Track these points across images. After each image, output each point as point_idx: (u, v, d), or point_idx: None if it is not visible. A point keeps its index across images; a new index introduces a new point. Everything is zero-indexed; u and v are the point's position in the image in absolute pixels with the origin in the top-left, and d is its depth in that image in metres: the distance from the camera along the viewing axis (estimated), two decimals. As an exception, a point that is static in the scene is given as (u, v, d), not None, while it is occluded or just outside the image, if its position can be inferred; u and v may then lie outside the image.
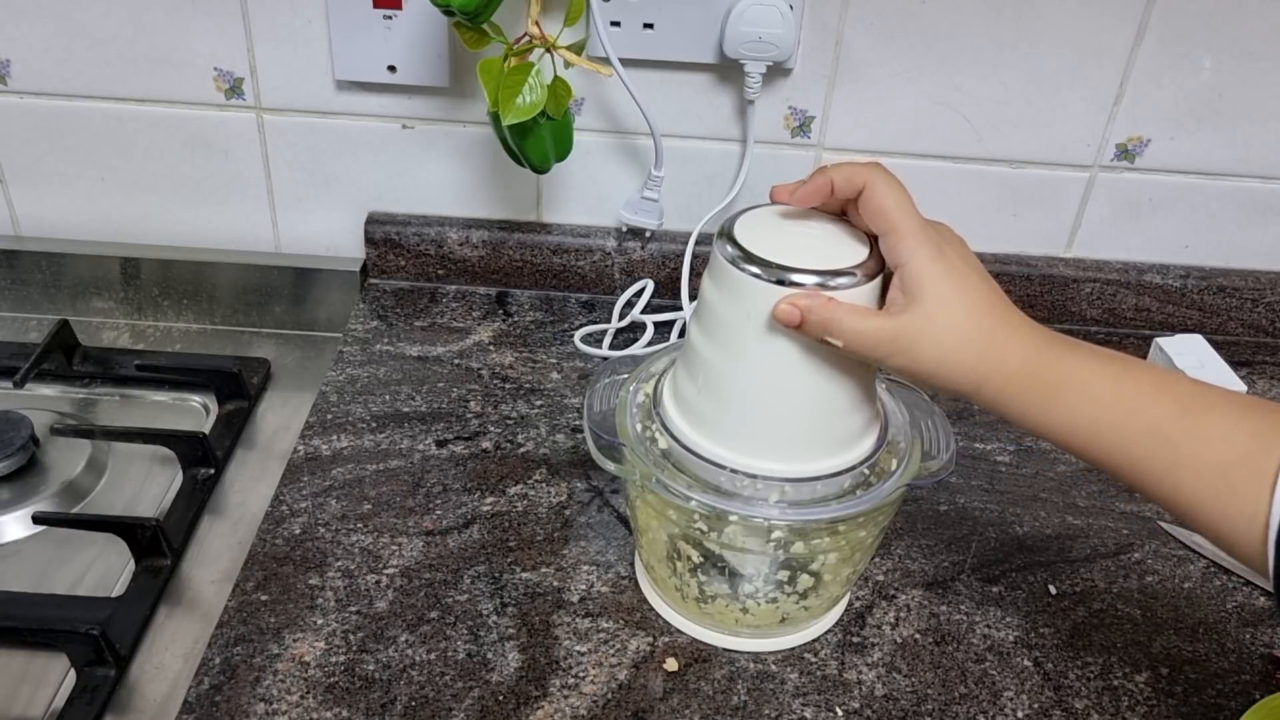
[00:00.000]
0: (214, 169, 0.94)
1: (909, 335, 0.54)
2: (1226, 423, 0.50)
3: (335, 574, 0.69)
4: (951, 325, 0.54)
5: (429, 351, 0.90)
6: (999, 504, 0.78)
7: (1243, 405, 0.51)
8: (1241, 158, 0.90)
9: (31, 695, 0.65)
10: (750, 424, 0.59)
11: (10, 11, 0.87)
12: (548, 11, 0.79)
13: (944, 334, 0.54)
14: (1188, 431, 0.50)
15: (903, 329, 0.54)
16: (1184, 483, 0.49)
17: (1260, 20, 0.83)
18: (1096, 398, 0.52)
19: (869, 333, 0.54)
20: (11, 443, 0.79)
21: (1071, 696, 0.65)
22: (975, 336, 0.54)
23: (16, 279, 0.96)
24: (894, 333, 0.54)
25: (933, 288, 0.54)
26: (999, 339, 0.54)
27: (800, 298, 0.54)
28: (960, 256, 0.55)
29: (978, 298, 0.55)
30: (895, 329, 0.54)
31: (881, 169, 0.56)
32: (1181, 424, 0.50)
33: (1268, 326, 0.97)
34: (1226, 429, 0.50)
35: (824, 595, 0.65)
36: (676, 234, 0.94)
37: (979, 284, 0.55)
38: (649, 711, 0.62)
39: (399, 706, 0.62)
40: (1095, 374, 0.53)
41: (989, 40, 0.85)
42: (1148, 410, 0.51)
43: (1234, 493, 0.48)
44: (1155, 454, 0.50)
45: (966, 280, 0.55)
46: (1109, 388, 0.52)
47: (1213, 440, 0.49)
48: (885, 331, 0.54)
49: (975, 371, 0.54)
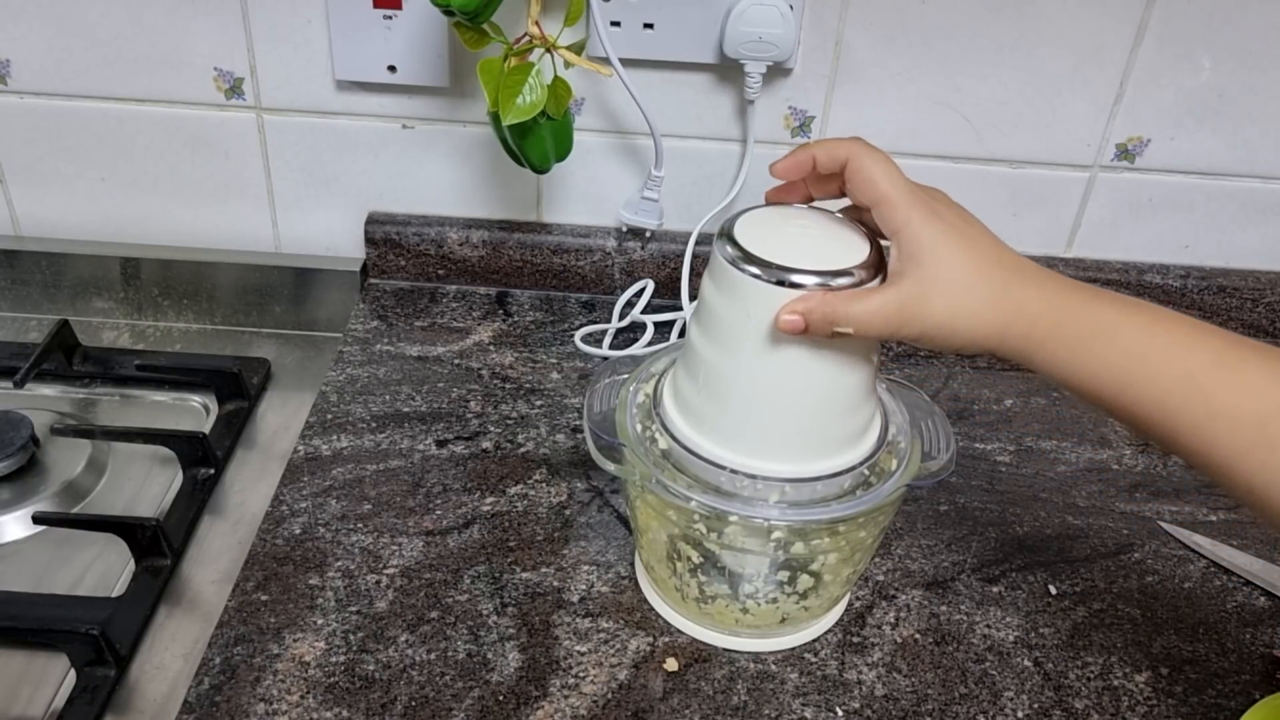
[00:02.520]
0: (214, 169, 0.94)
1: (915, 300, 0.52)
2: (1263, 374, 0.48)
3: (335, 574, 0.69)
4: (957, 280, 0.52)
5: (429, 351, 0.90)
6: (999, 504, 0.78)
7: (1277, 356, 0.49)
8: (1241, 158, 0.90)
9: (31, 695, 0.65)
10: (750, 424, 0.59)
11: (10, 11, 0.87)
12: (548, 11, 0.79)
13: (951, 290, 0.52)
14: (1224, 382, 0.49)
15: (908, 296, 0.53)
16: (1219, 434, 0.48)
17: (1260, 20, 0.83)
18: (1127, 347, 0.51)
19: (874, 310, 0.53)
20: (11, 443, 0.79)
21: (1071, 696, 0.65)
22: (985, 289, 0.52)
23: (16, 279, 0.96)
24: (899, 302, 0.53)
25: (931, 248, 0.52)
26: (1013, 289, 0.53)
27: (797, 303, 0.54)
28: (957, 215, 0.54)
29: (981, 252, 0.53)
30: (900, 298, 0.53)
31: (863, 142, 0.55)
32: (1216, 375, 0.49)
33: (1268, 326, 0.97)
34: (1263, 380, 0.48)
35: (824, 595, 0.65)
36: (676, 234, 0.94)
37: (981, 239, 0.54)
38: (649, 711, 0.62)
39: (399, 706, 0.62)
40: (1123, 321, 0.51)
41: (989, 40, 0.85)
42: (1182, 360, 0.50)
43: (1271, 445, 0.47)
44: (1189, 405, 0.49)
45: (966, 236, 0.53)
46: (1140, 336, 0.51)
47: (1249, 391, 0.48)
48: (890, 304, 0.53)
49: (992, 324, 0.52)
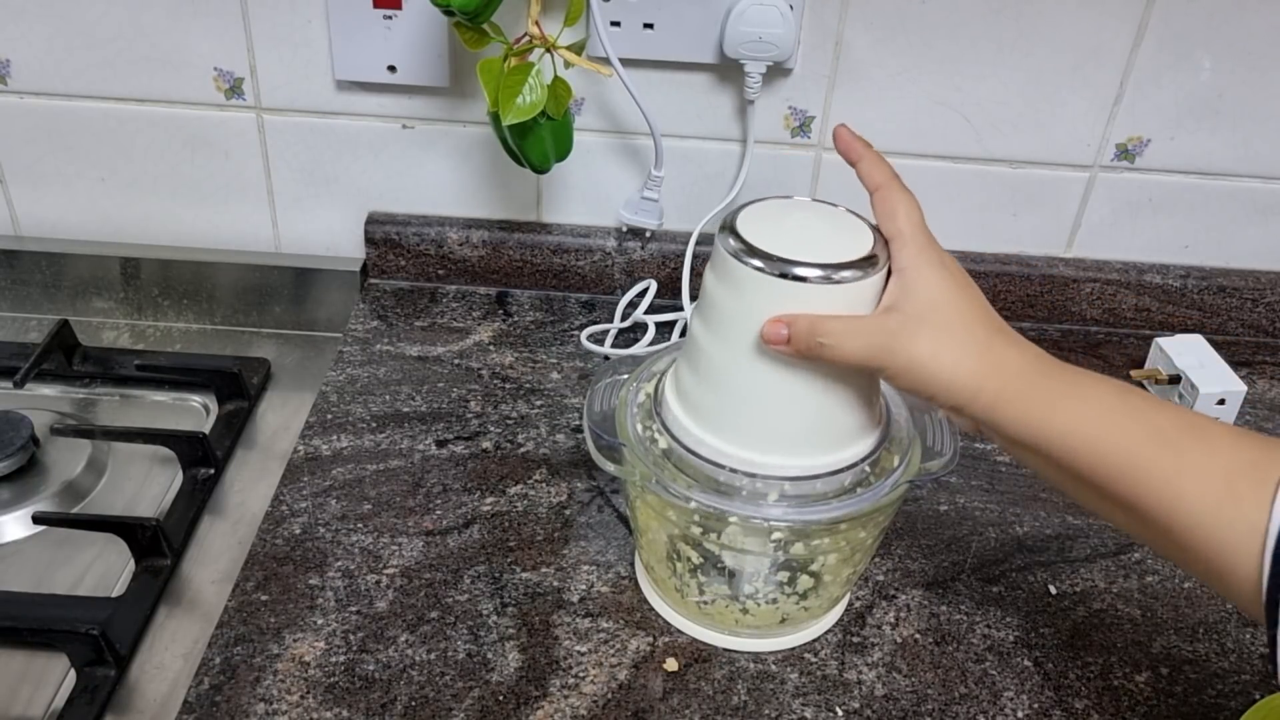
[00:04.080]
0: (214, 169, 0.94)
1: (903, 334, 0.53)
2: (1231, 434, 0.50)
3: (335, 574, 0.69)
4: (946, 325, 0.53)
5: (429, 351, 0.90)
6: (999, 504, 0.78)
7: (1241, 429, 0.51)
8: (1241, 158, 0.90)
9: (31, 695, 0.65)
10: (751, 418, 0.59)
11: (10, 11, 0.87)
12: (548, 11, 0.79)
13: (939, 334, 0.53)
14: (1195, 437, 0.50)
15: (897, 327, 0.54)
16: (1187, 490, 0.49)
17: (1260, 20, 0.83)
18: (1101, 401, 0.52)
19: (860, 331, 0.54)
20: (11, 443, 0.79)
21: (1071, 696, 0.65)
22: (971, 342, 0.53)
23: (16, 279, 0.96)
24: (888, 332, 0.54)
25: (927, 290, 0.54)
26: (996, 346, 0.54)
27: (784, 315, 0.55)
28: (960, 272, 0.56)
29: (974, 308, 0.54)
30: (889, 328, 0.54)
31: (898, 178, 0.57)
32: (1188, 431, 0.50)
33: (1268, 326, 0.97)
34: (1232, 439, 0.49)
35: (824, 596, 0.65)
36: (677, 234, 0.94)
37: (976, 298, 0.55)
38: (649, 711, 0.62)
39: (399, 706, 0.62)
40: (1096, 383, 0.53)
41: (989, 40, 0.85)
42: (1153, 417, 0.51)
43: (1237, 500, 0.47)
44: (1159, 459, 0.50)
45: (964, 290, 0.55)
46: (1112, 397, 0.52)
47: (1219, 448, 0.49)
48: (878, 332, 0.54)
49: (974, 374, 0.53)
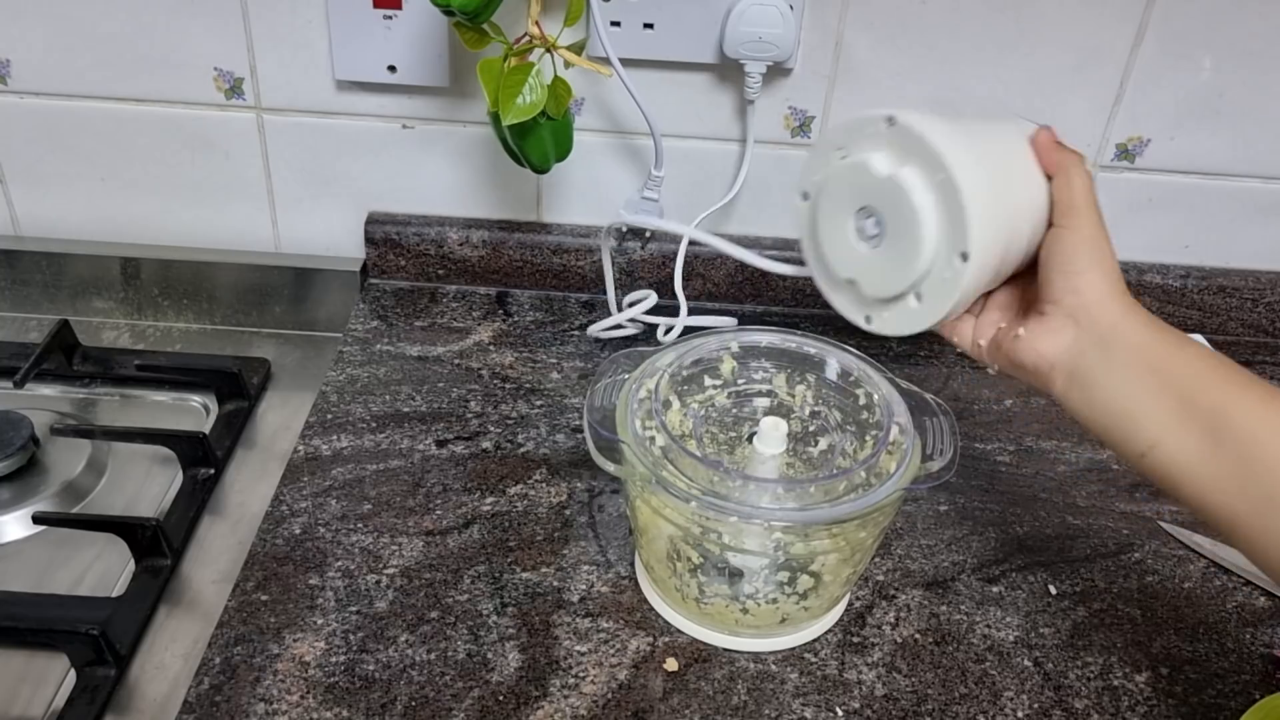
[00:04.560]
0: (214, 169, 0.94)
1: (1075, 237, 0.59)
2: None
3: (335, 574, 0.69)
4: (1101, 250, 0.59)
5: (429, 351, 0.90)
6: (999, 504, 0.78)
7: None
8: (1241, 158, 0.90)
9: (31, 695, 0.65)
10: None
11: (10, 11, 0.87)
12: (548, 11, 0.79)
13: (1096, 255, 0.58)
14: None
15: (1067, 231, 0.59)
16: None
17: (1260, 20, 0.83)
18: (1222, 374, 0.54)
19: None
20: (11, 443, 0.79)
21: (1071, 696, 0.65)
22: (1112, 263, 0.59)
23: (16, 279, 0.96)
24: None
25: (1087, 250, 0.59)
26: (1129, 297, 0.58)
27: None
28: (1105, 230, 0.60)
29: (1114, 263, 0.59)
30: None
31: (1082, 161, 0.60)
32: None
33: (1268, 326, 0.97)
34: None
35: (824, 596, 0.65)
36: (676, 234, 0.94)
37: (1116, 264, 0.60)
38: (649, 711, 0.62)
39: (399, 706, 0.62)
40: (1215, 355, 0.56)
41: (989, 40, 0.85)
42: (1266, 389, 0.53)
43: None
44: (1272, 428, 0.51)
45: (1108, 252, 0.59)
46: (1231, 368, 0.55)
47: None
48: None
49: (1110, 293, 0.57)
